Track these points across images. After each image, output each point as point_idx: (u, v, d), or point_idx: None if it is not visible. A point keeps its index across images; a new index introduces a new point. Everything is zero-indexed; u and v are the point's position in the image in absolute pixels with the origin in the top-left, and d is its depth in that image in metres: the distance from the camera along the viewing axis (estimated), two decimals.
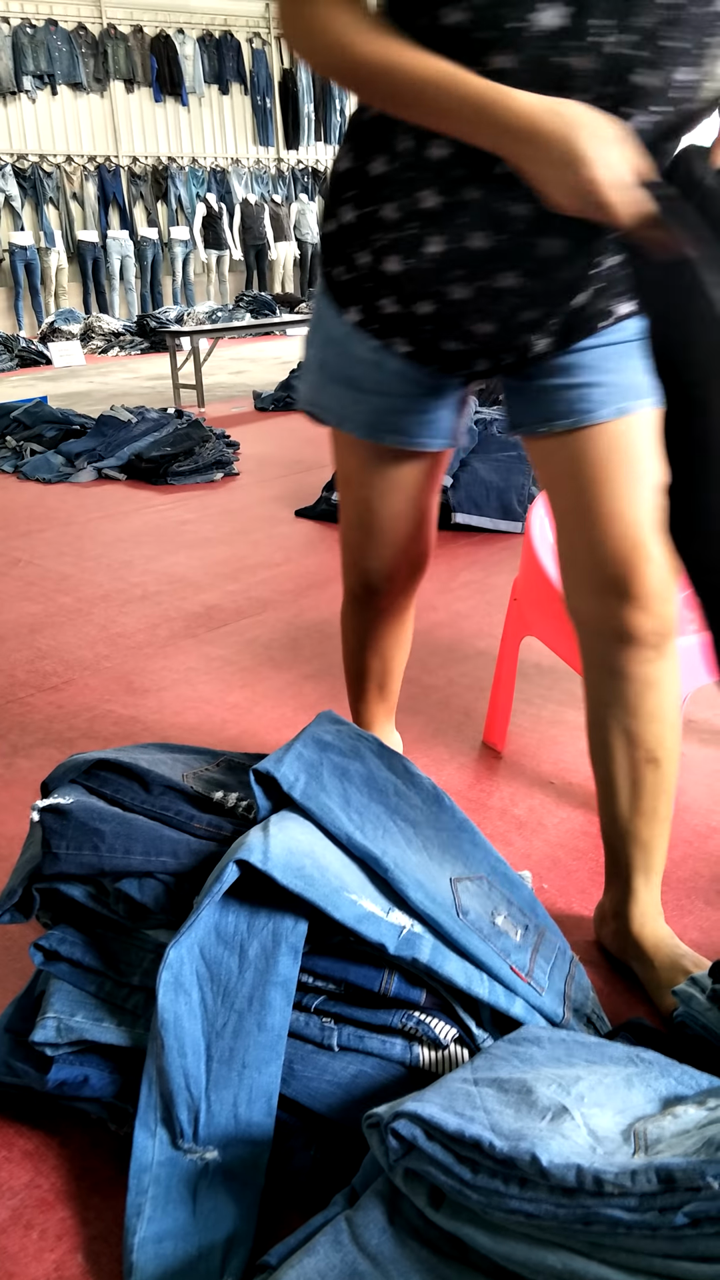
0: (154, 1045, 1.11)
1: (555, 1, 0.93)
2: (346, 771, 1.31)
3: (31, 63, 12.65)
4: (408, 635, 1.74)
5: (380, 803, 1.31)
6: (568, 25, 0.94)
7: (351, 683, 1.78)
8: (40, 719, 2.32)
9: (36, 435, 5.42)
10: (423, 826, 1.32)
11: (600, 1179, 0.77)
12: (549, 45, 0.95)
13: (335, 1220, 0.92)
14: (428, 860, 1.27)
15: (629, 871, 1.40)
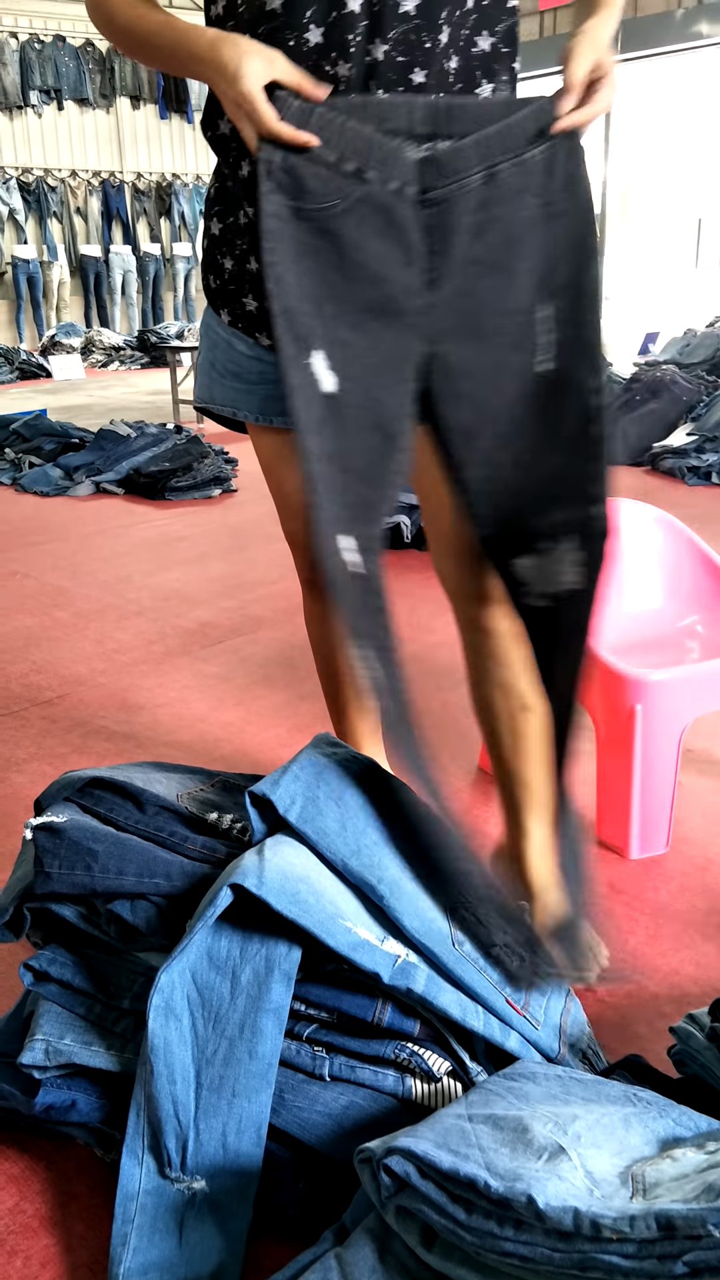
0: (143, 1071, 1.09)
1: (319, 24, 1.16)
2: (343, 796, 1.30)
3: (39, 77, 12.73)
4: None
5: (376, 829, 1.29)
6: (325, 42, 1.16)
7: (330, 699, 1.77)
8: (34, 733, 2.31)
9: (35, 448, 5.42)
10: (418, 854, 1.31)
11: (598, 1223, 0.76)
12: (319, 57, 1.17)
13: (324, 1257, 0.91)
14: (423, 889, 1.26)
15: (520, 811, 1.51)
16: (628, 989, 1.45)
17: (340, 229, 1.15)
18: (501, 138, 1.16)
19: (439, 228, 1.17)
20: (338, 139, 1.12)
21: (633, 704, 1.67)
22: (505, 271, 1.20)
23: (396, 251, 1.17)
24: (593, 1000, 1.43)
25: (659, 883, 1.70)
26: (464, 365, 1.23)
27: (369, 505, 1.23)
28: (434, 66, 1.18)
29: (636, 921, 1.60)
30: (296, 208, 1.14)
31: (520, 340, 1.23)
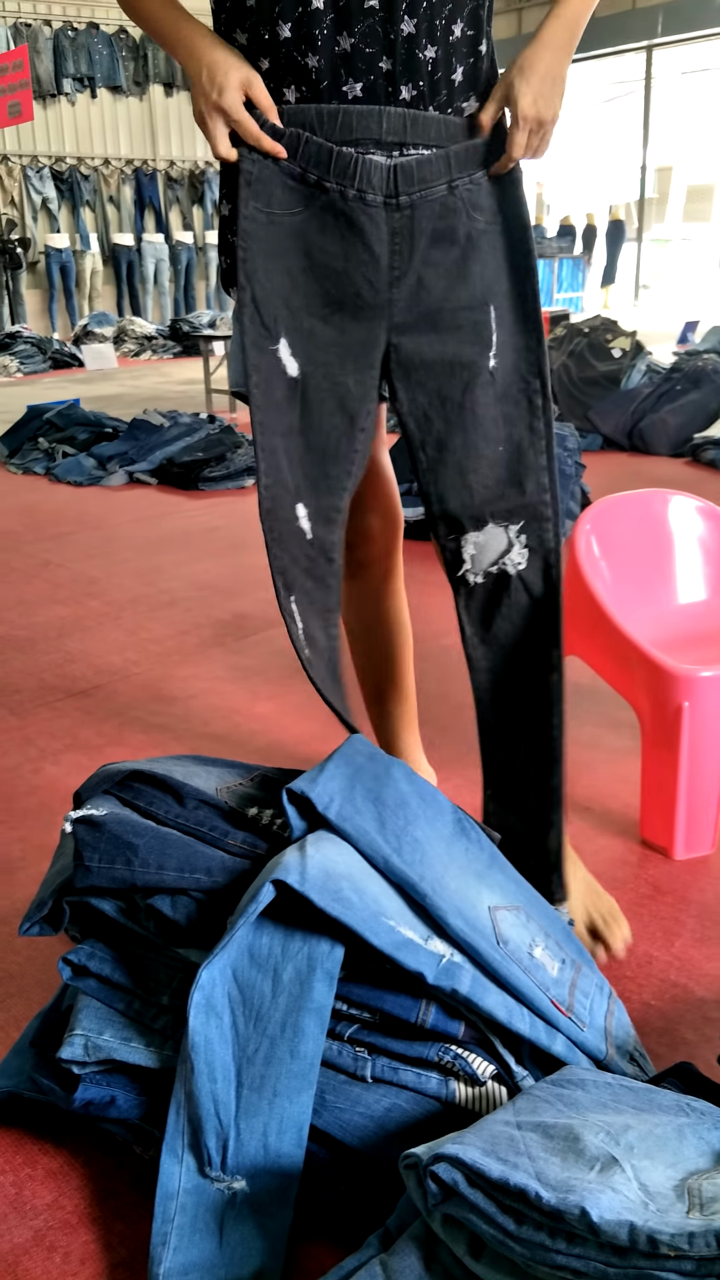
0: (183, 1068, 1.08)
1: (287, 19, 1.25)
2: (380, 795, 1.28)
3: (72, 65, 12.76)
4: (404, 613, 1.78)
5: (415, 828, 1.27)
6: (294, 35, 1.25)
7: (365, 684, 1.79)
8: (68, 724, 2.31)
9: (69, 438, 5.43)
10: (456, 854, 1.29)
11: (655, 1239, 0.74)
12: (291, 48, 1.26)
13: (369, 1264, 0.89)
14: (465, 888, 1.24)
15: None
16: (674, 992, 1.43)
17: (305, 232, 1.30)
18: (460, 157, 1.31)
19: (404, 230, 1.30)
20: (301, 153, 1.27)
21: (680, 701, 1.63)
22: (459, 275, 1.34)
23: (360, 251, 1.30)
24: (638, 1004, 1.40)
25: (705, 883, 1.67)
26: (421, 355, 1.36)
27: (330, 478, 1.39)
28: (401, 55, 1.26)
29: (682, 923, 1.57)
30: (269, 213, 1.30)
31: (474, 336, 1.36)
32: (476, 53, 1.33)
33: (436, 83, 1.30)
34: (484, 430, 1.38)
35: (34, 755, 2.16)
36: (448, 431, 1.38)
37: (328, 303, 1.33)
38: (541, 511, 1.41)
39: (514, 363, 1.38)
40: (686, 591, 1.98)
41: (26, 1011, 1.41)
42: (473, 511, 1.41)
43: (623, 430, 5.33)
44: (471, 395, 1.37)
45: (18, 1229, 1.11)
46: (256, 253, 1.30)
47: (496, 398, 1.38)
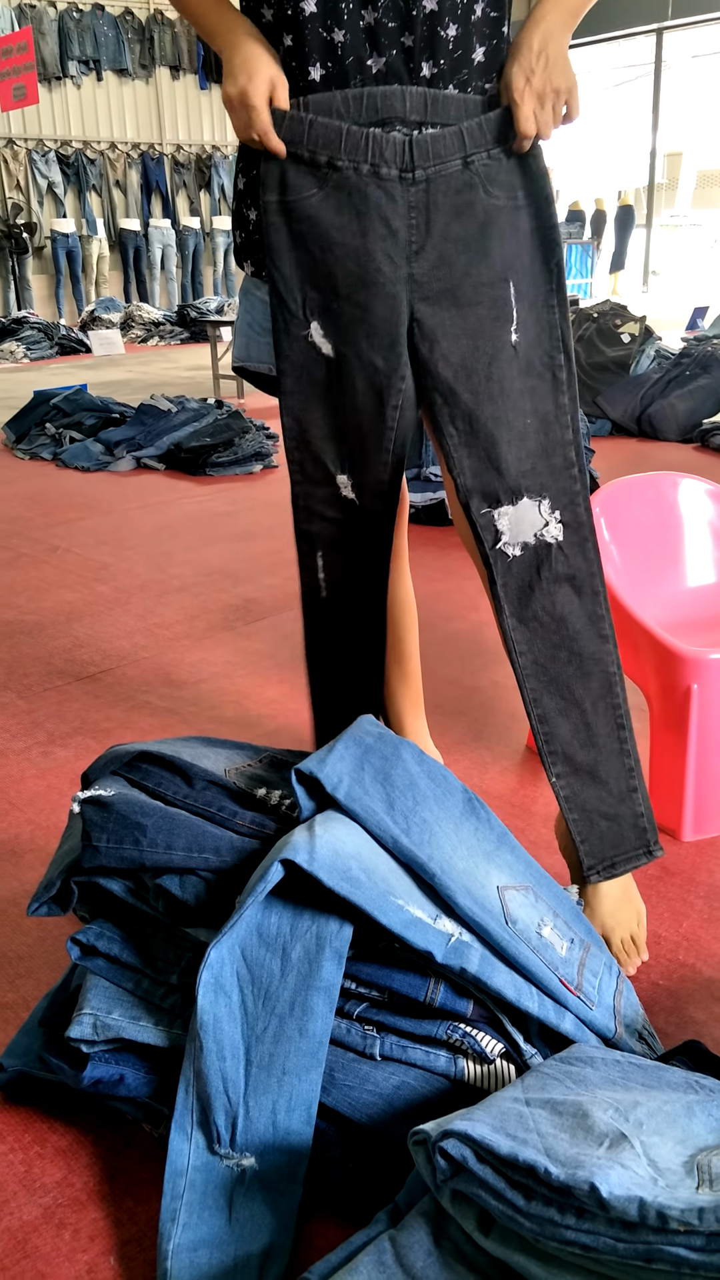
0: (192, 1047, 1.08)
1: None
2: (389, 776, 1.28)
3: (77, 48, 12.68)
4: (409, 593, 1.78)
5: (423, 809, 1.27)
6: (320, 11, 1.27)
7: None
8: (77, 708, 2.31)
9: (76, 423, 5.42)
10: (465, 834, 1.28)
11: (665, 1214, 0.74)
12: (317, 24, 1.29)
13: (379, 1239, 0.89)
14: (473, 868, 1.24)
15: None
16: (682, 971, 1.43)
17: (320, 214, 1.32)
18: (474, 133, 1.31)
19: (420, 204, 1.31)
20: (308, 136, 1.29)
21: (689, 683, 1.63)
22: (479, 250, 1.33)
23: (377, 226, 1.31)
24: (646, 984, 1.40)
25: (713, 864, 1.67)
26: (444, 329, 1.36)
27: (369, 453, 1.43)
28: (422, 31, 1.28)
29: (691, 904, 1.57)
30: (283, 201, 1.32)
31: (495, 311, 1.36)
32: (499, 34, 1.34)
33: (457, 61, 1.30)
34: (511, 402, 1.38)
35: (43, 739, 2.16)
36: (475, 404, 1.37)
37: (351, 282, 1.34)
38: (571, 486, 1.40)
39: (536, 336, 1.38)
40: (695, 574, 1.97)
41: (36, 991, 1.42)
42: (508, 483, 1.39)
43: (631, 416, 5.30)
44: (497, 368, 1.37)
45: (27, 1206, 1.11)
46: (278, 242, 1.34)
47: (520, 371, 1.38)
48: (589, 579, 1.41)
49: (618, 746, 1.43)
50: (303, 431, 1.44)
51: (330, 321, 1.37)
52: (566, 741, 1.42)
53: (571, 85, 1.30)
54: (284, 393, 1.41)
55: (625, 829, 1.43)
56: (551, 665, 1.41)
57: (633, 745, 1.44)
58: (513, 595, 1.41)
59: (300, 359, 1.39)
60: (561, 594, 1.40)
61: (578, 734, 1.42)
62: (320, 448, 1.44)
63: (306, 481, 1.47)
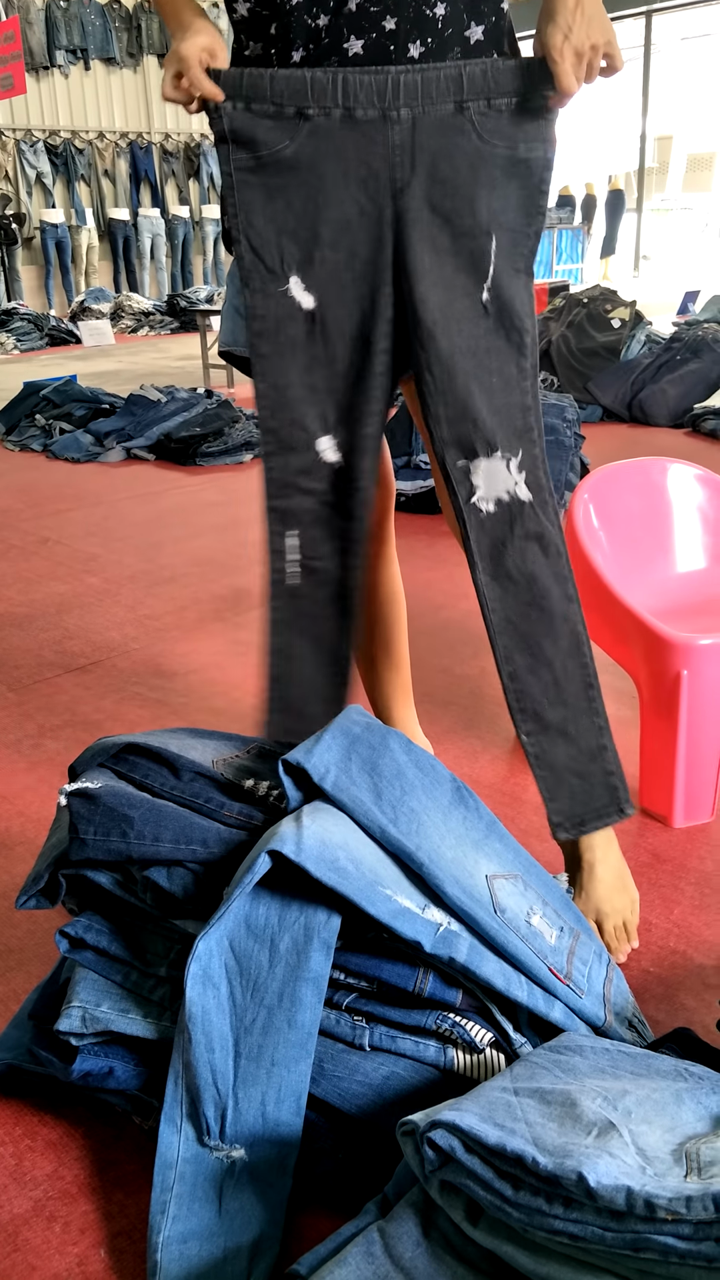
0: (180, 1039, 1.08)
1: None
2: (376, 766, 1.28)
3: (65, 37, 12.58)
4: (396, 581, 1.77)
5: (411, 798, 1.27)
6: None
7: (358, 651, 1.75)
8: (67, 700, 2.30)
9: (66, 414, 5.40)
10: (453, 824, 1.28)
11: (652, 1203, 0.73)
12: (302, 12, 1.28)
13: (367, 1230, 0.89)
14: (462, 857, 1.24)
15: None
16: (673, 959, 1.42)
17: (297, 164, 1.31)
18: (476, 79, 1.28)
19: (406, 144, 1.29)
20: (271, 89, 1.28)
21: (679, 669, 1.62)
22: (466, 197, 1.31)
23: (356, 168, 1.30)
24: (637, 970, 1.40)
25: (704, 851, 1.67)
26: (423, 272, 1.33)
27: (357, 404, 1.40)
28: (408, 13, 1.27)
29: (681, 891, 1.57)
30: (256, 157, 1.31)
31: (471, 265, 1.34)
32: (498, 10, 1.33)
33: (447, 39, 1.30)
34: (480, 359, 1.37)
35: (33, 731, 2.16)
36: (451, 351, 1.35)
37: (333, 229, 1.33)
38: (531, 450, 1.40)
39: (506, 299, 1.37)
40: (685, 560, 1.96)
41: (26, 985, 1.41)
42: (484, 435, 1.38)
43: (622, 401, 5.29)
44: (469, 323, 1.36)
45: (18, 1199, 1.11)
46: (250, 200, 1.32)
47: (488, 330, 1.37)
48: (554, 540, 1.42)
49: (587, 705, 1.44)
50: (280, 395, 1.40)
51: (311, 273, 1.35)
52: (536, 699, 1.42)
53: (610, 38, 1.28)
54: (259, 356, 1.38)
55: (595, 786, 1.44)
56: (523, 623, 1.41)
57: (601, 705, 1.45)
58: (485, 552, 1.41)
59: (278, 317, 1.37)
60: (531, 551, 1.40)
61: (547, 692, 1.42)
62: (299, 410, 1.40)
63: (282, 451, 1.43)
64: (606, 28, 1.28)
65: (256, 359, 1.38)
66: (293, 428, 1.41)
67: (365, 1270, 0.84)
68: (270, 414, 1.41)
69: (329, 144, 1.29)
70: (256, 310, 1.36)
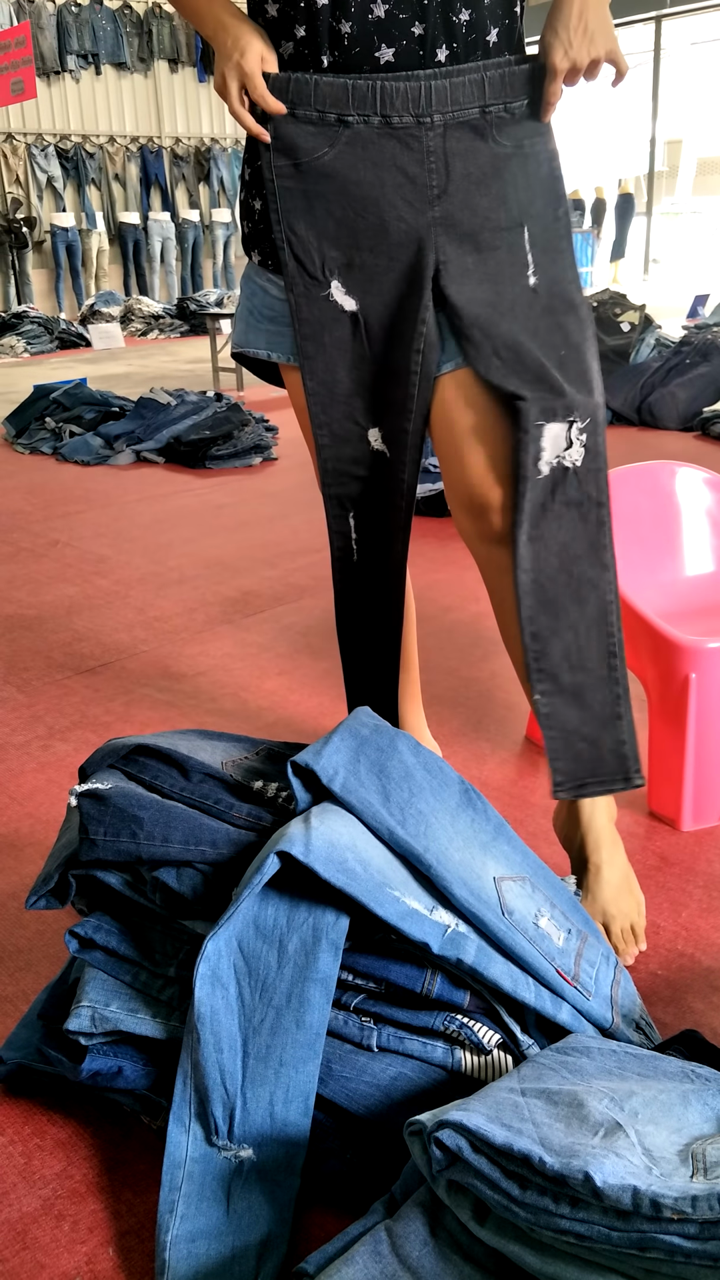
0: (189, 1039, 1.09)
1: None
2: (385, 768, 1.28)
3: (76, 42, 12.64)
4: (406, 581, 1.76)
5: (419, 800, 1.27)
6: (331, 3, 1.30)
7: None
8: (77, 702, 2.31)
9: (75, 417, 5.42)
10: (461, 826, 1.28)
11: (659, 1203, 0.74)
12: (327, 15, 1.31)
13: (375, 1230, 0.89)
14: (470, 859, 1.24)
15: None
16: (681, 961, 1.42)
17: (336, 170, 1.34)
18: (495, 83, 1.33)
19: (439, 150, 1.34)
20: (314, 96, 1.32)
21: (687, 672, 1.63)
22: (497, 195, 1.36)
23: (395, 175, 1.34)
24: (645, 973, 1.40)
25: (712, 854, 1.67)
26: (469, 272, 1.38)
27: (397, 400, 1.45)
28: (435, 19, 1.30)
29: (689, 894, 1.57)
30: (296, 163, 1.36)
31: (511, 257, 1.38)
32: (512, 14, 1.36)
33: (472, 43, 1.33)
34: (542, 337, 1.39)
35: (42, 733, 2.17)
36: (514, 332, 1.38)
37: (373, 234, 1.37)
38: (597, 415, 1.40)
39: (554, 278, 1.40)
40: (693, 563, 1.96)
41: (35, 985, 1.42)
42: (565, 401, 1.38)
43: (632, 404, 5.29)
44: (525, 306, 1.39)
45: (27, 1198, 1.12)
46: (292, 207, 1.37)
47: (543, 311, 1.40)
48: (596, 508, 1.42)
49: (607, 674, 1.43)
50: (330, 392, 1.47)
51: (352, 277, 1.40)
52: (556, 662, 1.42)
53: (612, 48, 1.31)
54: (307, 358, 1.44)
55: (604, 754, 1.43)
56: (551, 586, 1.41)
57: (623, 675, 1.44)
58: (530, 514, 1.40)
59: (321, 320, 1.42)
60: (569, 517, 1.41)
61: (568, 656, 1.42)
62: (351, 405, 1.48)
63: (335, 443, 1.50)
64: (609, 39, 1.30)
65: (304, 360, 1.45)
66: (344, 421, 1.49)
67: (372, 1269, 0.85)
68: (322, 409, 1.48)
69: (368, 151, 1.33)
70: (301, 314, 1.42)
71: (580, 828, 1.49)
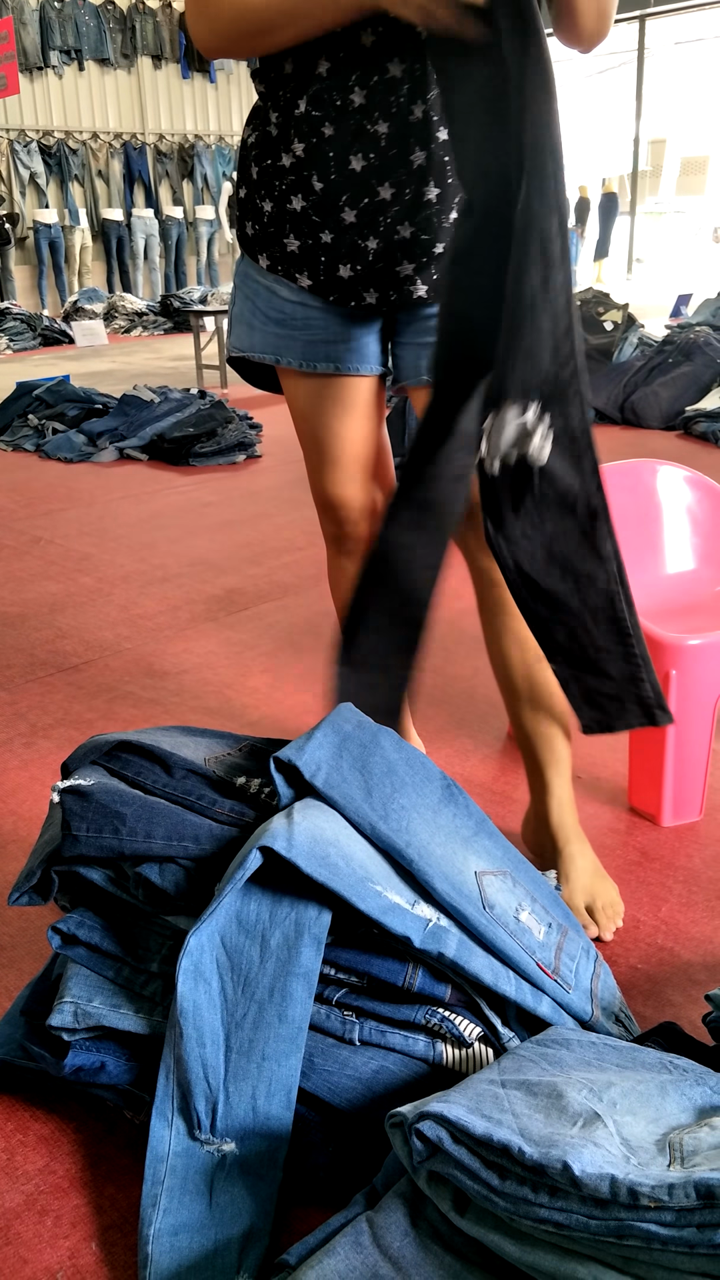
0: (172, 1034, 1.09)
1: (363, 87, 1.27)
2: (367, 764, 1.29)
3: (59, 38, 12.58)
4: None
5: (401, 795, 1.28)
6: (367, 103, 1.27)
7: None
8: (60, 699, 2.31)
9: (59, 414, 5.40)
10: (443, 821, 1.29)
11: (635, 1191, 0.75)
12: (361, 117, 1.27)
13: (356, 1221, 0.90)
14: (451, 854, 1.25)
15: (542, 767, 1.55)
16: (660, 955, 1.44)
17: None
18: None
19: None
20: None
21: (668, 669, 1.64)
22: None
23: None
24: (625, 967, 1.42)
25: (692, 850, 1.68)
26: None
27: None
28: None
29: (669, 888, 1.58)
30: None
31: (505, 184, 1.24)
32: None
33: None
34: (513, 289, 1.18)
35: (25, 730, 2.16)
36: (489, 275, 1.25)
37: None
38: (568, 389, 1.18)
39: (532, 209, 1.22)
40: (674, 561, 1.98)
41: (18, 981, 1.42)
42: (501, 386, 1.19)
43: (615, 403, 5.31)
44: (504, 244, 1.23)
45: (9, 1193, 1.12)
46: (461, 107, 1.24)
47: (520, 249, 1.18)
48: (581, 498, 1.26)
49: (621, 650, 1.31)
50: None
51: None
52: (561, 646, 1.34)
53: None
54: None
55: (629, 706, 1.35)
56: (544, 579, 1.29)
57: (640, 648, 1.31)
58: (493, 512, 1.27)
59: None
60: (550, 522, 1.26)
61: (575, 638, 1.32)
62: None
63: None
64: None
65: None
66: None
67: (354, 1260, 0.85)
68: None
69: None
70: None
71: (550, 827, 1.54)
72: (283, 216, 1.41)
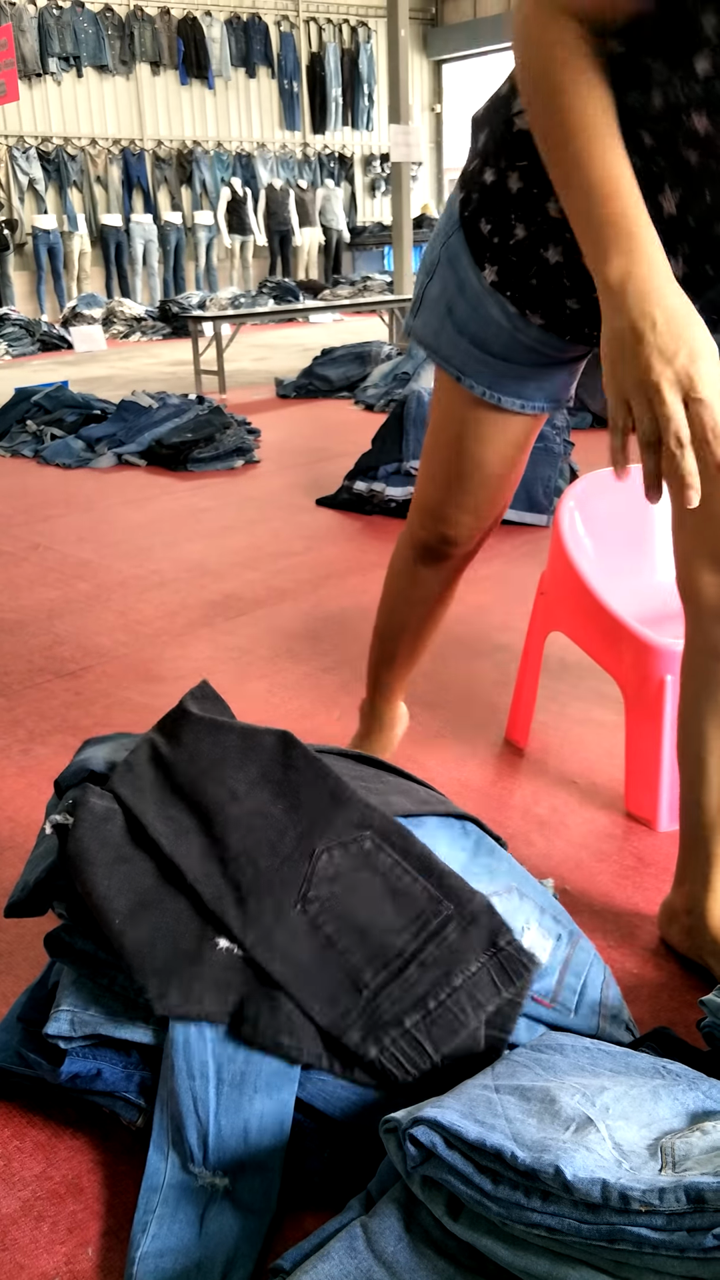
0: (165, 1065, 1.09)
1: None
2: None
3: (57, 44, 12.63)
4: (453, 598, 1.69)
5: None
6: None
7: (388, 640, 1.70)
8: (57, 705, 2.31)
9: (57, 420, 5.41)
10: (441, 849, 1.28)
11: (627, 1195, 0.75)
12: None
13: (350, 1226, 0.90)
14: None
15: (710, 865, 1.38)
16: (655, 960, 1.44)
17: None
18: None
19: None
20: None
21: (663, 674, 1.64)
22: None
23: None
24: (621, 972, 1.42)
25: None
26: None
27: None
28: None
29: (665, 893, 1.58)
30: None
31: None
32: None
33: None
34: None
35: (23, 736, 2.17)
36: None
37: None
38: None
39: None
40: (669, 567, 1.98)
41: (15, 987, 1.43)
42: None
43: None
44: None
45: (6, 1199, 1.12)
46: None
47: None
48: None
49: None
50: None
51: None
52: None
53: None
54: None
55: None
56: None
57: None
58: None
59: None
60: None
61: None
62: None
63: None
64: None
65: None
66: None
67: (348, 1264, 0.86)
68: None
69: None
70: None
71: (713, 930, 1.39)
72: (531, 255, 1.21)
